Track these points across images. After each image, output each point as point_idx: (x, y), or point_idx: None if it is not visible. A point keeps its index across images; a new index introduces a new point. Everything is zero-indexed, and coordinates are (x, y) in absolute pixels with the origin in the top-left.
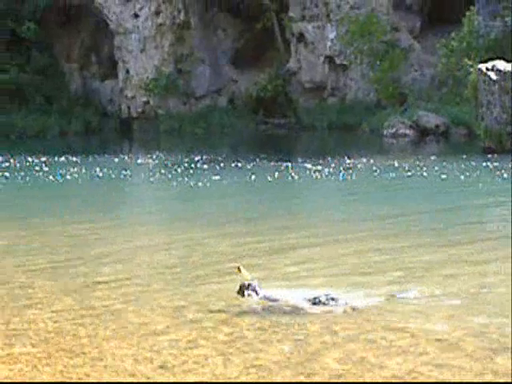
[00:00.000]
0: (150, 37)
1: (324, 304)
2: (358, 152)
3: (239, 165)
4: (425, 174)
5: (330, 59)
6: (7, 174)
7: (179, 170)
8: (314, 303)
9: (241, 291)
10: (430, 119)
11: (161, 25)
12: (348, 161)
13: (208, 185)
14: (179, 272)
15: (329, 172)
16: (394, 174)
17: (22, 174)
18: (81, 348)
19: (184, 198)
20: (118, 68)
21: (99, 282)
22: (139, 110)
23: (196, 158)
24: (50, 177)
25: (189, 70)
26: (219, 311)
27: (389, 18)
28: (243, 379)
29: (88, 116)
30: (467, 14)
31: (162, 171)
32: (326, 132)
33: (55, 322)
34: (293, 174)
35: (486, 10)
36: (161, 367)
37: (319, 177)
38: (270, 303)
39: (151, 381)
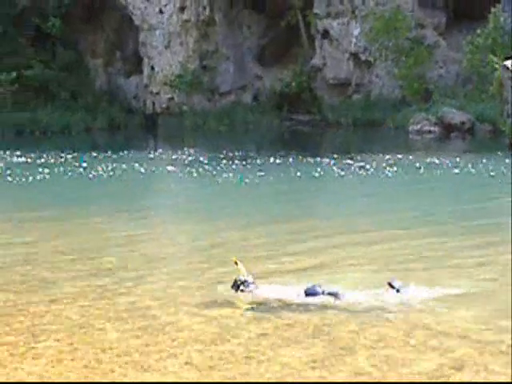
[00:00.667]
0: (174, 33)
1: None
2: (389, 149)
3: (277, 161)
4: (472, 170)
5: (354, 56)
6: (47, 169)
7: (220, 166)
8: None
9: (234, 286)
10: (455, 116)
11: (186, 21)
12: (387, 157)
13: (256, 181)
14: (207, 268)
15: (372, 168)
16: (440, 170)
17: (62, 169)
18: (106, 343)
19: (236, 194)
20: (142, 64)
21: (126, 278)
22: (164, 106)
23: (230, 154)
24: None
25: (213, 67)
26: (244, 309)
27: (414, 14)
28: (267, 376)
29: (113, 112)
30: (493, 10)
31: (205, 167)
32: (350, 129)
33: (81, 316)
34: (335, 169)
35: (511, 7)
36: (186, 363)
37: (364, 173)
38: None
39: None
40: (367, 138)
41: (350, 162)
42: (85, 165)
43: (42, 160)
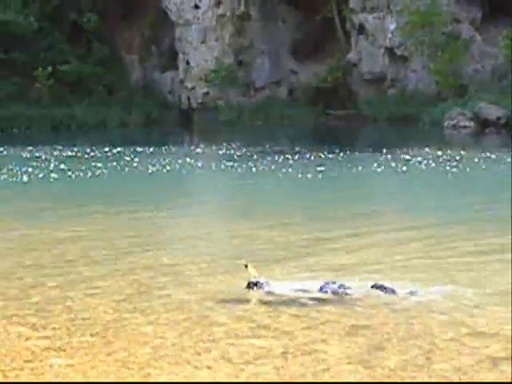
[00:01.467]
0: (210, 28)
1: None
2: (432, 143)
3: (330, 156)
4: None
5: (390, 50)
6: (99, 164)
7: (276, 161)
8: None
9: (249, 287)
10: (491, 111)
11: (221, 16)
12: (439, 152)
13: (320, 176)
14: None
15: (432, 163)
16: (503, 166)
17: (115, 163)
18: (141, 338)
19: (303, 189)
20: (178, 59)
21: (161, 273)
22: (199, 101)
23: (276, 149)
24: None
25: (249, 62)
26: (279, 303)
27: (450, 9)
28: (302, 372)
29: (148, 107)
30: None
31: (262, 162)
32: (385, 124)
33: (117, 311)
34: (394, 164)
35: None
36: (221, 358)
37: (423, 167)
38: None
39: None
40: (404, 133)
41: (407, 157)
42: (137, 159)
43: (91, 154)
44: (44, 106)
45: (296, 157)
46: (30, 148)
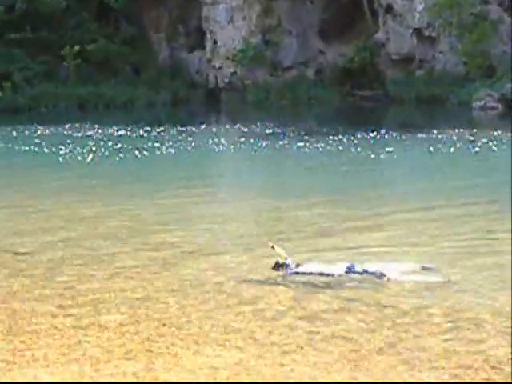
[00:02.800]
0: (237, 7)
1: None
2: (458, 124)
3: (386, 136)
4: None
5: (418, 31)
6: (157, 143)
7: (334, 140)
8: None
9: (275, 267)
10: None
11: None
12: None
13: (395, 157)
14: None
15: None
16: None
17: (158, 144)
18: (169, 317)
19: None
20: (205, 39)
21: (189, 252)
22: (226, 80)
23: (324, 130)
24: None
25: (276, 41)
26: (305, 284)
27: None
28: (330, 349)
29: (175, 87)
30: None
31: (289, 141)
32: (413, 104)
33: (144, 289)
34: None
35: None
36: (249, 338)
37: (450, 148)
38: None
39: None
40: (432, 113)
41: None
42: (190, 139)
43: (140, 133)
44: (71, 85)
45: (322, 137)
46: (68, 126)
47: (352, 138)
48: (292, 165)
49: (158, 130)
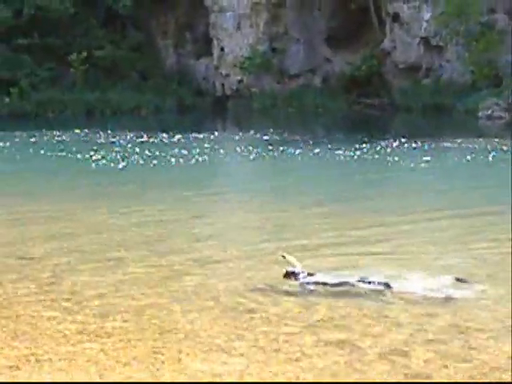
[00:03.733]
0: (245, 15)
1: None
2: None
3: (413, 145)
4: None
5: (425, 40)
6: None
7: (311, 149)
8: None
9: (287, 276)
10: None
11: (256, 4)
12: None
13: (437, 165)
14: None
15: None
16: None
17: (176, 150)
18: (174, 324)
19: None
20: (212, 46)
21: (192, 259)
22: (233, 88)
23: (338, 136)
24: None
25: (283, 49)
26: (312, 291)
27: None
28: (334, 359)
29: (182, 93)
30: None
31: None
32: (419, 113)
33: (149, 297)
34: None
35: None
36: (253, 346)
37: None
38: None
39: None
40: (438, 122)
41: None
42: (207, 145)
43: (159, 139)
44: (78, 91)
45: (329, 145)
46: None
47: (380, 146)
48: (297, 172)
49: (177, 136)
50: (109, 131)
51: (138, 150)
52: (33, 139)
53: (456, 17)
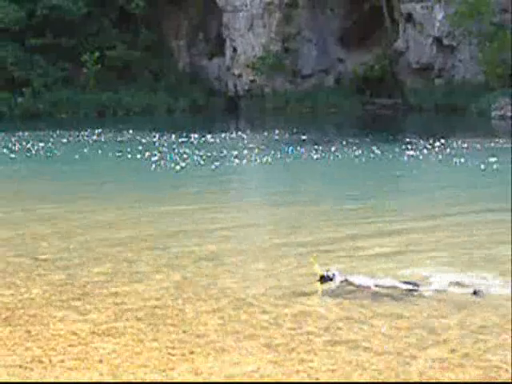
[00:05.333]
0: (257, 15)
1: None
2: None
3: (436, 143)
4: None
5: (438, 40)
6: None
7: (324, 149)
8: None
9: (322, 280)
10: None
11: (269, 3)
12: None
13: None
14: (288, 252)
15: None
16: None
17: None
18: (186, 324)
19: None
20: (225, 46)
21: (205, 258)
22: (246, 88)
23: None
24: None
25: (296, 49)
26: (322, 296)
27: None
28: (348, 359)
29: (195, 94)
30: None
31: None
32: (432, 113)
33: (161, 296)
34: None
35: None
36: (265, 345)
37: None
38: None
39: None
40: (451, 122)
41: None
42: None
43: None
44: (90, 92)
45: (342, 146)
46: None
47: (430, 145)
48: (309, 173)
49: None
50: (148, 131)
51: (187, 150)
52: (65, 139)
53: (469, 17)
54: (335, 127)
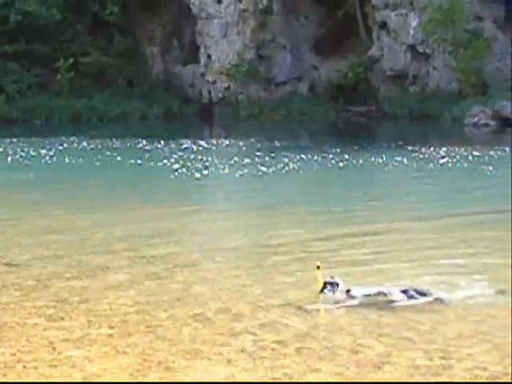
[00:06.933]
0: (232, 22)
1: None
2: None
3: (345, 155)
4: None
5: (412, 47)
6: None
7: (297, 157)
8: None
9: (324, 289)
10: None
11: (244, 11)
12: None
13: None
14: (262, 257)
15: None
16: None
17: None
18: (160, 331)
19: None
20: (199, 53)
21: (180, 265)
22: (220, 95)
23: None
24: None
25: (270, 56)
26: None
27: (472, 6)
28: (318, 367)
29: (169, 100)
30: None
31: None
32: (406, 120)
33: (135, 303)
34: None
35: None
36: (241, 351)
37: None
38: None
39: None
40: (425, 130)
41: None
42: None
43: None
44: (65, 98)
45: (315, 154)
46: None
47: (342, 154)
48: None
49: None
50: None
51: (199, 157)
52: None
53: (443, 24)
54: (308, 134)
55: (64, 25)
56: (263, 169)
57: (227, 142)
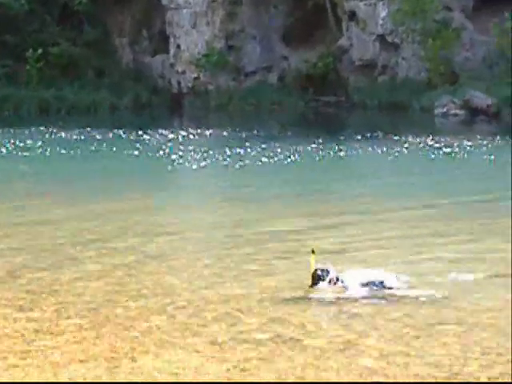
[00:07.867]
0: (201, 12)
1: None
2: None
3: (313, 145)
4: None
5: (381, 37)
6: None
7: (266, 146)
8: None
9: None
10: (481, 99)
11: (213, 1)
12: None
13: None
14: (232, 248)
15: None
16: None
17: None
18: (130, 321)
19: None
20: (168, 43)
21: (149, 256)
22: (189, 85)
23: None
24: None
25: (239, 47)
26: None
27: None
28: (289, 355)
29: (138, 91)
30: None
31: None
32: (376, 110)
33: (105, 294)
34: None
35: None
36: (210, 343)
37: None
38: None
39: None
40: (394, 120)
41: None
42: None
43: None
44: (33, 89)
45: (284, 142)
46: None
47: (311, 143)
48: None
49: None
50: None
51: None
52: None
53: (412, 14)
54: (278, 124)
55: (33, 15)
56: (231, 160)
57: (197, 132)
